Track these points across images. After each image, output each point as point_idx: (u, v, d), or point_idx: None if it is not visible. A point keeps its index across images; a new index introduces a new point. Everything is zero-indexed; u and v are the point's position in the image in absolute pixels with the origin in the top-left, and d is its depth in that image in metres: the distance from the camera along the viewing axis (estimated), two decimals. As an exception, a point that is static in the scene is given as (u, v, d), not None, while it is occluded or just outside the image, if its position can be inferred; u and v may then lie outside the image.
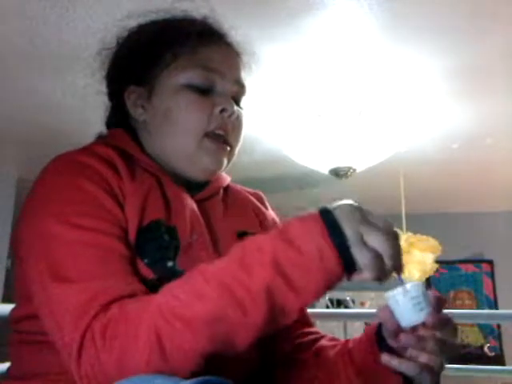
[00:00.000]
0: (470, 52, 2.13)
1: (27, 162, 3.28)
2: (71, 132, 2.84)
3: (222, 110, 0.82)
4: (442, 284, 4.43)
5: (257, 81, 0.91)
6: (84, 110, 2.58)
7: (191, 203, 0.83)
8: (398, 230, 0.64)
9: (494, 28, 1.98)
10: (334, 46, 2.13)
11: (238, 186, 0.97)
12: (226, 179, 0.94)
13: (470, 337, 4.25)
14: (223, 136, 0.83)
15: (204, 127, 0.82)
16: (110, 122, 0.93)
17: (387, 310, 0.68)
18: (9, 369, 0.83)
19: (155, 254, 0.73)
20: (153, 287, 0.68)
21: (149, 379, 0.56)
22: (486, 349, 4.16)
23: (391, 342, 0.71)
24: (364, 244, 0.58)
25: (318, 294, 0.60)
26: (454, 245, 3.84)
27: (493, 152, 3.17)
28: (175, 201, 0.81)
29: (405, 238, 2.82)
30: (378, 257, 0.59)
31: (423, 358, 0.67)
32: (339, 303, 4.46)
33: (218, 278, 0.60)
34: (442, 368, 0.68)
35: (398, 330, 0.68)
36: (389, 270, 0.60)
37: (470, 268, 4.44)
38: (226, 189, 0.93)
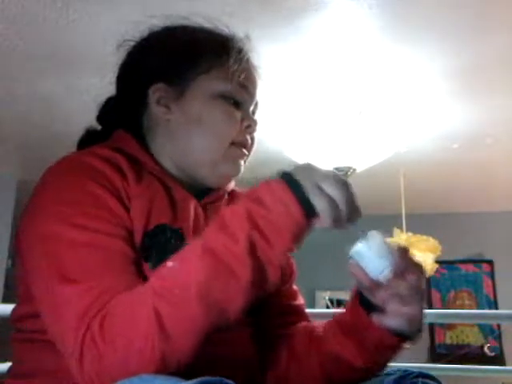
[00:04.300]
0: (470, 52, 2.13)
1: (28, 164, 3.29)
2: (71, 133, 2.83)
3: (248, 126, 0.87)
4: (442, 284, 4.42)
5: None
6: (84, 110, 2.58)
7: (197, 207, 0.84)
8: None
9: (494, 28, 1.98)
10: (333, 46, 2.14)
11: (242, 190, 0.98)
12: (231, 183, 0.94)
13: (470, 337, 4.25)
14: (244, 148, 0.88)
15: (233, 138, 0.85)
16: (108, 118, 0.93)
17: (356, 266, 0.71)
18: (10, 368, 0.83)
19: (160, 258, 0.73)
20: None
21: (149, 379, 0.56)
22: (485, 349, 4.16)
23: (372, 299, 0.75)
24: (320, 190, 0.65)
25: (289, 245, 0.65)
26: (454, 245, 3.83)
27: (493, 152, 3.17)
28: (181, 205, 0.82)
29: (405, 238, 2.82)
30: (333, 203, 0.65)
31: (404, 309, 0.72)
32: (339, 303, 4.46)
33: (202, 248, 0.64)
34: (423, 314, 0.74)
35: (373, 284, 0.72)
36: (344, 216, 0.66)
37: (470, 268, 4.44)
38: (231, 193, 0.94)
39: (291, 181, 0.65)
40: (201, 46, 0.88)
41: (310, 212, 0.64)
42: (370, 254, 0.69)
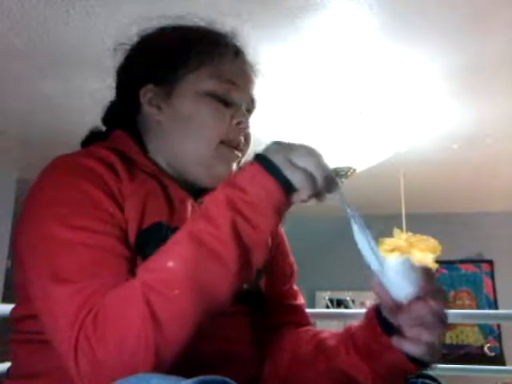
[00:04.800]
0: (470, 52, 2.13)
1: (27, 163, 3.28)
2: (71, 132, 2.83)
3: (239, 123, 0.86)
4: (442, 284, 4.41)
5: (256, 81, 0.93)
6: (84, 110, 2.58)
7: (194, 206, 0.84)
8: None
9: (494, 28, 1.98)
10: (333, 46, 2.13)
11: None
12: None
13: (470, 337, 4.25)
14: (236, 146, 0.87)
15: (222, 136, 0.84)
16: (110, 120, 0.94)
17: (379, 285, 0.70)
18: (9, 368, 0.83)
19: None
20: None
21: (146, 378, 0.56)
22: (485, 349, 4.16)
23: (392, 320, 0.73)
24: (293, 165, 0.65)
25: (273, 224, 0.66)
26: (454, 245, 3.83)
27: (493, 152, 3.17)
28: (178, 203, 0.82)
29: (405, 238, 2.81)
30: (308, 175, 0.65)
31: (425, 336, 0.70)
32: (339, 303, 4.46)
33: (186, 236, 0.64)
34: (442, 340, 0.72)
35: (395, 306, 0.70)
36: (322, 186, 0.66)
37: (470, 268, 4.44)
38: None
39: (264, 160, 0.66)
40: (189, 45, 0.88)
41: (287, 188, 0.65)
42: (395, 275, 0.67)
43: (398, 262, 0.67)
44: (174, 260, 0.63)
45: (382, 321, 0.76)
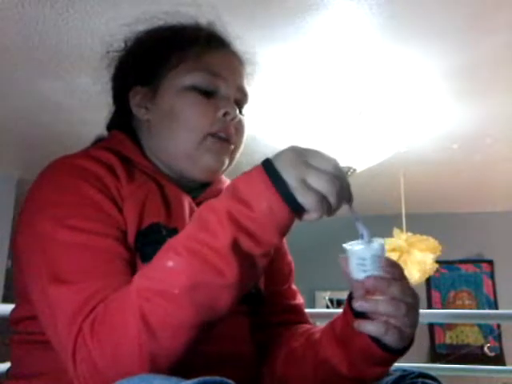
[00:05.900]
0: (470, 52, 2.13)
1: (27, 163, 3.28)
2: (71, 132, 2.83)
3: (225, 114, 0.84)
4: (442, 284, 4.42)
5: (256, 81, 0.92)
6: (84, 110, 2.58)
7: (192, 205, 0.84)
8: (345, 171, 0.66)
9: (494, 28, 1.98)
10: (333, 47, 2.13)
11: None
12: (226, 182, 0.94)
13: (470, 337, 4.25)
14: (225, 138, 0.85)
15: (206, 129, 0.83)
16: (112, 125, 0.94)
17: (344, 260, 0.69)
18: (9, 369, 0.83)
19: None
20: None
21: (148, 379, 0.56)
22: (486, 349, 4.16)
23: (355, 303, 0.72)
24: (307, 187, 0.60)
25: (277, 240, 0.63)
26: (454, 245, 3.83)
27: (493, 152, 3.17)
28: (175, 203, 0.81)
29: (405, 238, 2.81)
30: (321, 198, 0.61)
31: (392, 320, 0.68)
32: (339, 303, 4.46)
33: (185, 247, 0.61)
34: (410, 326, 0.69)
35: (354, 284, 0.70)
36: (335, 207, 0.62)
37: (470, 268, 4.44)
38: None
39: (274, 175, 0.61)
40: (167, 44, 0.88)
41: (296, 209, 0.61)
42: (352, 261, 0.68)
43: (369, 244, 0.68)
44: (171, 270, 0.61)
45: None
